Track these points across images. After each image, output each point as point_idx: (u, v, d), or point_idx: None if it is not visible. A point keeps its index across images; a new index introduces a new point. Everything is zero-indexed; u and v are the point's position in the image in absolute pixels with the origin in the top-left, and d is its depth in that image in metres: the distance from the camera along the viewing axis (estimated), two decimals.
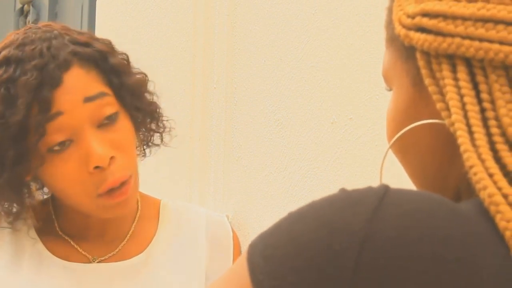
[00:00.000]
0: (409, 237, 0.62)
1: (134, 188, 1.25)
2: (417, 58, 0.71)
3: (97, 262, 1.30)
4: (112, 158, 1.21)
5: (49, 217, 1.33)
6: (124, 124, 1.24)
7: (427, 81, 0.70)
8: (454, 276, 0.61)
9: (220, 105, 1.63)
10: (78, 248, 1.31)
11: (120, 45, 1.32)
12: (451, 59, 0.69)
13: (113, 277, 1.29)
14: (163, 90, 1.36)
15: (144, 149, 1.35)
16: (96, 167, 1.20)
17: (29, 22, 2.92)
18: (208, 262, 1.35)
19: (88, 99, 1.21)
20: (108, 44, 1.29)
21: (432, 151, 0.73)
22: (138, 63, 1.33)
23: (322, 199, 0.66)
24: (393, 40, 0.75)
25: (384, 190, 0.65)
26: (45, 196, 1.34)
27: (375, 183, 0.67)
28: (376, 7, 1.28)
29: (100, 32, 1.35)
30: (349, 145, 1.32)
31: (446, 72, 0.69)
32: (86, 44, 1.24)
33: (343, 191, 0.66)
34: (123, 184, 1.23)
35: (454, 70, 0.69)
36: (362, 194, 0.65)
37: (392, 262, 0.61)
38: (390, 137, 0.76)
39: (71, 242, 1.31)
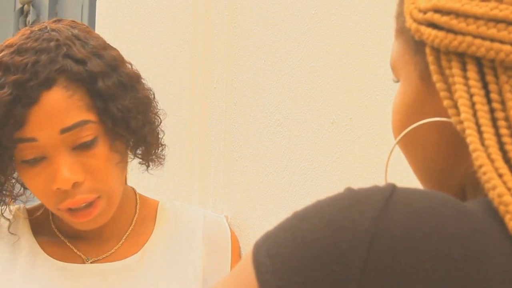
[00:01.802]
0: (416, 236, 0.62)
1: (106, 208, 1.25)
2: (427, 53, 0.71)
3: (91, 262, 1.30)
4: (76, 183, 1.21)
5: (47, 218, 1.34)
6: (101, 149, 1.23)
7: (435, 77, 0.70)
8: (462, 274, 0.61)
9: (220, 105, 1.63)
10: (74, 249, 1.31)
11: (120, 45, 1.32)
12: (461, 57, 0.69)
13: (107, 277, 1.29)
14: (163, 91, 1.35)
15: (147, 164, 1.34)
16: (58, 189, 1.21)
17: (29, 22, 2.92)
18: (205, 263, 1.34)
19: (65, 130, 1.20)
20: (111, 62, 1.25)
21: (437, 148, 0.73)
22: (138, 63, 1.33)
23: (328, 198, 0.66)
24: (402, 32, 0.75)
25: (391, 189, 0.65)
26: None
27: (376, 183, 0.67)
28: (376, 7, 1.28)
29: (100, 32, 1.35)
30: (349, 145, 1.32)
31: (455, 70, 0.69)
32: (80, 61, 1.21)
33: (349, 190, 0.66)
34: (87, 206, 1.23)
35: (464, 69, 0.69)
36: (368, 193, 0.65)
37: (399, 260, 0.61)
38: (396, 130, 0.76)
39: (67, 243, 1.32)
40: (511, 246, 0.63)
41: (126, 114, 1.24)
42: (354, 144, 1.31)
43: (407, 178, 0.78)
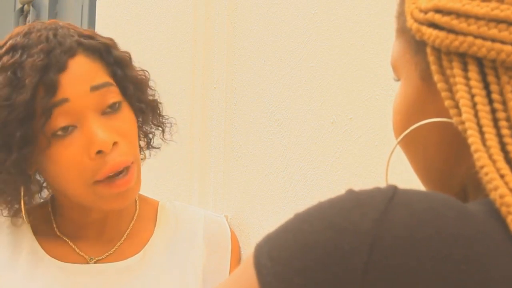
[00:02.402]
0: (418, 237, 0.62)
1: (136, 179, 1.25)
2: (427, 53, 0.71)
3: (94, 262, 1.30)
4: (115, 143, 1.22)
5: (48, 218, 1.33)
6: (127, 113, 1.26)
7: (436, 77, 0.70)
8: (464, 275, 0.61)
9: (220, 105, 1.63)
10: (76, 249, 1.31)
11: (120, 45, 1.32)
12: (463, 57, 0.69)
13: (109, 277, 1.29)
14: (163, 90, 1.36)
15: (146, 149, 1.35)
16: (99, 152, 1.20)
17: (29, 22, 2.92)
18: (205, 263, 1.35)
19: (94, 88, 1.23)
20: (111, 40, 1.31)
21: (438, 148, 0.73)
22: (138, 63, 1.33)
23: (329, 200, 0.66)
24: (403, 31, 0.75)
25: (393, 191, 0.65)
26: (42, 200, 1.35)
27: (375, 183, 0.67)
28: (376, 7, 1.28)
29: (100, 32, 1.35)
30: (349, 145, 1.32)
31: (457, 70, 0.69)
32: (90, 37, 1.27)
33: (350, 192, 0.66)
34: (125, 172, 1.22)
35: (465, 69, 0.68)
36: (370, 195, 0.65)
37: (401, 262, 0.61)
38: (397, 130, 0.76)
39: (69, 242, 1.32)
40: None
41: (142, 82, 1.31)
42: (354, 144, 1.31)
43: (408, 178, 0.78)
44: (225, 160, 1.61)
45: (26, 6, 2.99)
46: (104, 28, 1.96)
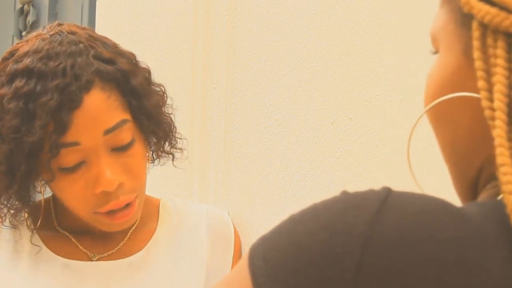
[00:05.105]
0: (411, 239, 0.61)
1: (137, 208, 1.25)
2: (473, 27, 0.66)
3: (97, 260, 1.30)
4: (120, 184, 1.20)
5: (49, 215, 1.33)
6: (138, 149, 1.23)
7: (476, 54, 0.65)
8: (456, 278, 0.60)
9: (220, 105, 1.63)
10: (79, 245, 1.31)
11: (120, 45, 1.31)
12: (510, 38, 0.64)
13: (113, 275, 1.29)
14: None
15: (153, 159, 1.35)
16: (103, 191, 1.20)
17: (29, 22, 2.92)
18: (209, 257, 1.35)
19: (108, 131, 1.19)
20: (132, 59, 1.26)
21: (466, 125, 0.69)
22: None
23: (323, 201, 0.65)
24: (450, 1, 0.70)
25: (386, 193, 0.64)
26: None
27: (375, 183, 0.67)
28: (376, 7, 1.28)
29: (100, 32, 1.35)
30: (349, 145, 1.32)
31: (500, 50, 0.64)
32: (109, 61, 1.21)
33: (344, 193, 0.65)
34: (126, 206, 1.23)
35: (509, 51, 0.64)
36: (363, 197, 0.64)
37: (393, 264, 0.60)
38: (428, 100, 0.72)
39: (72, 239, 1.31)
40: (506, 252, 0.62)
41: (157, 110, 1.26)
42: (354, 144, 1.31)
43: (407, 181, 0.78)
44: (225, 160, 1.61)
45: (26, 6, 2.98)
46: (104, 28, 1.96)
